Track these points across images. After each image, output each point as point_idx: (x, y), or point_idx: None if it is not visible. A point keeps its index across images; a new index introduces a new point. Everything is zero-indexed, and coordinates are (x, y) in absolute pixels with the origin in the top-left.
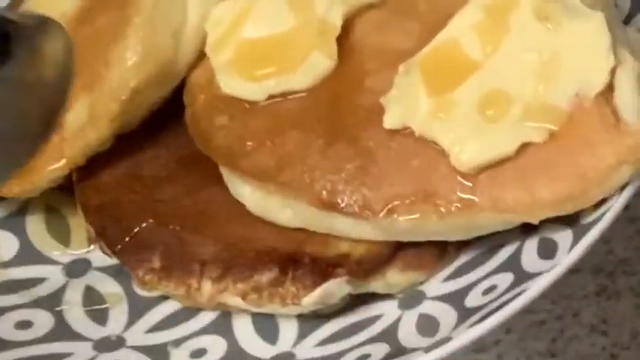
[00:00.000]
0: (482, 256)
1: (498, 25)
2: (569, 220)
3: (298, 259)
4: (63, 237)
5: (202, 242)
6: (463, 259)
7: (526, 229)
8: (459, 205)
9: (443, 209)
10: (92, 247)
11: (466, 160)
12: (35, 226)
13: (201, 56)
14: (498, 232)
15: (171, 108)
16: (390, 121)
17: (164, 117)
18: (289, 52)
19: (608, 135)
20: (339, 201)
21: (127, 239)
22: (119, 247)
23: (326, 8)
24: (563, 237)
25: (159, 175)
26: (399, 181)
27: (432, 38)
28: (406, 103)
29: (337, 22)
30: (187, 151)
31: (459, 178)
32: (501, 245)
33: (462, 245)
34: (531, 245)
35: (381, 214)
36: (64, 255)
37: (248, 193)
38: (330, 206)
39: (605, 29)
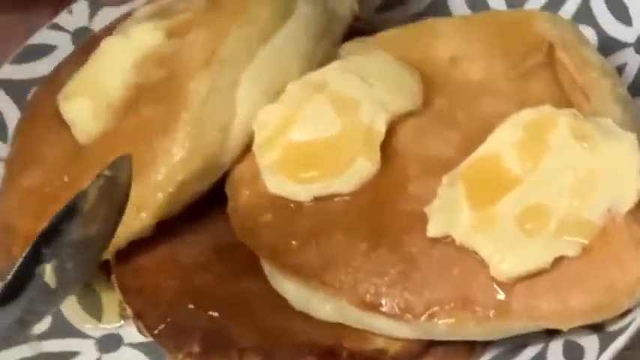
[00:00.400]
0: (508, 353)
1: (538, 143)
2: (596, 326)
3: (337, 353)
4: (95, 311)
5: (241, 331)
6: (489, 355)
7: (551, 331)
8: (495, 312)
9: (480, 315)
10: (123, 322)
11: (505, 270)
12: (68, 299)
13: (244, 150)
14: None
15: (210, 195)
16: (433, 231)
17: (204, 203)
18: (335, 157)
19: (637, 252)
20: (382, 303)
21: (165, 323)
22: (158, 330)
23: (371, 115)
24: (589, 342)
25: (198, 261)
26: (440, 288)
27: (471, 148)
28: (449, 214)
29: (382, 129)
30: (226, 238)
31: (497, 287)
32: (526, 344)
33: (488, 342)
34: (557, 347)
35: (422, 318)
36: (96, 329)
37: (290, 288)
38: (373, 307)
39: (636, 151)
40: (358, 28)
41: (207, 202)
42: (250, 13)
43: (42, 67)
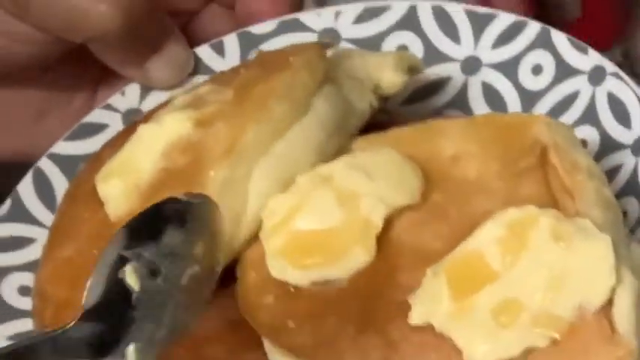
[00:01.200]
0: None
1: (518, 241)
2: None
3: None
4: None
5: None
6: None
7: None
8: None
9: None
10: None
11: (478, 358)
12: None
13: (255, 236)
14: None
15: (223, 275)
16: (415, 318)
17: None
18: (333, 246)
19: (604, 346)
20: None
21: None
22: None
23: (370, 209)
24: None
25: (208, 334)
26: None
27: (458, 243)
28: (430, 303)
29: (379, 222)
30: (235, 314)
31: None
32: None
33: None
34: None
35: None
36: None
37: None
38: None
39: (610, 252)
40: (381, 120)
41: (220, 282)
42: (269, 109)
43: (93, 145)
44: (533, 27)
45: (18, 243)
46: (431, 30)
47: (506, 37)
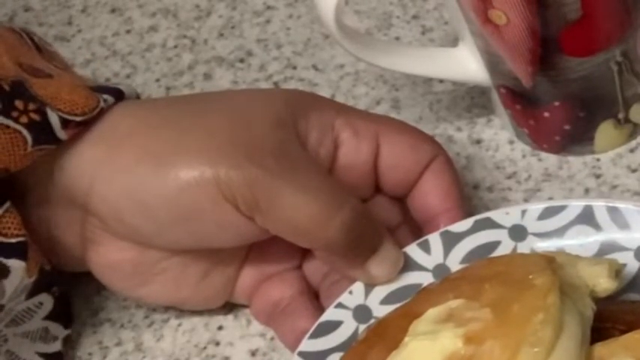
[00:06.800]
0: None
1: None
2: None
3: None
4: None
5: None
6: None
7: None
8: None
9: None
10: None
11: None
12: None
13: None
14: None
15: None
16: None
17: None
18: None
19: None
20: None
21: None
22: None
23: None
24: None
25: None
26: None
27: None
28: None
29: None
30: None
31: None
32: None
33: None
34: None
35: None
36: None
37: None
38: None
39: None
40: None
41: None
42: (537, 333)
43: (333, 340)
44: None
45: None
46: (605, 223)
47: None
